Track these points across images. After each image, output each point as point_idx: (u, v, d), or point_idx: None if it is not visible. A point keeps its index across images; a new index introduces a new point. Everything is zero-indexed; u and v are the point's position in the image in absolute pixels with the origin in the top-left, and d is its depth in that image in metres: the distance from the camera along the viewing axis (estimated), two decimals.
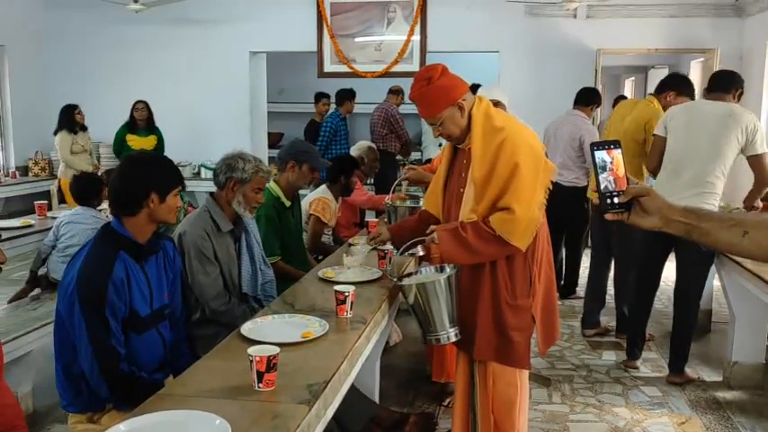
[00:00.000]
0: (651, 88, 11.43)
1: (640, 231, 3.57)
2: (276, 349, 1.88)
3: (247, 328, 2.29)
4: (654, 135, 4.06)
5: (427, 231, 2.63)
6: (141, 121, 7.22)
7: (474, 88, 5.67)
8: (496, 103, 3.03)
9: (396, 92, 7.62)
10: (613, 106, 7.25)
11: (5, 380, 1.88)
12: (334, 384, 1.96)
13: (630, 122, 4.43)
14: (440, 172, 2.83)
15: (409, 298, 2.51)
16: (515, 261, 2.59)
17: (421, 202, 3.50)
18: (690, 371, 4.02)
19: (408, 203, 3.82)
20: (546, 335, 2.77)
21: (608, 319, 4.85)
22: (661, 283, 4.25)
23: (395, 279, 2.66)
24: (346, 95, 7.53)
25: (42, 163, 8.22)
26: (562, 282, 5.75)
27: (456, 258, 2.55)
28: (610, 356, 4.40)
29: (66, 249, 3.90)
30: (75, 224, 3.97)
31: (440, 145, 5.80)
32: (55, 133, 7.07)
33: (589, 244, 7.27)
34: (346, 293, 2.48)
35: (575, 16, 7.53)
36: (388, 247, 3.30)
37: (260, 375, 1.82)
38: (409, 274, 2.66)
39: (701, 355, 4.36)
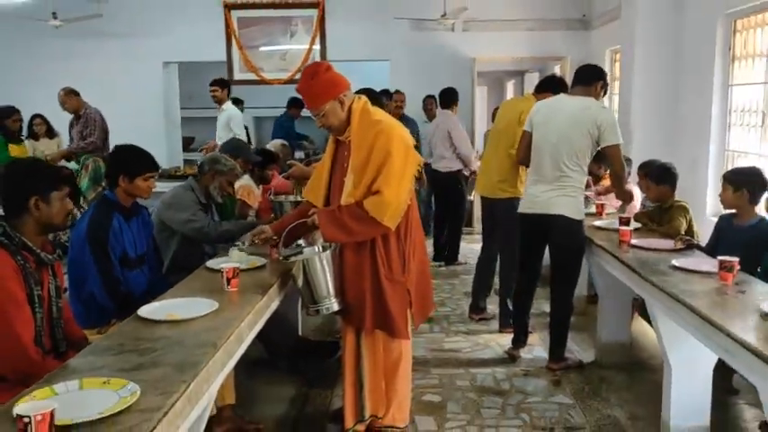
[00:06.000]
0: (527, 89, 13.01)
1: (519, 223, 4.11)
2: (239, 265, 2.88)
3: (210, 263, 3.25)
4: (523, 130, 4.14)
5: (309, 213, 3.04)
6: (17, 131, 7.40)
7: (386, 93, 6.63)
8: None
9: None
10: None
11: None
12: (274, 290, 2.97)
13: (502, 119, 4.68)
14: (324, 164, 3.13)
15: (297, 275, 2.92)
16: (390, 241, 2.93)
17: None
18: (571, 356, 4.16)
19: (292, 198, 4.04)
20: (420, 309, 3.11)
21: (493, 308, 5.05)
22: None
23: (281, 258, 3.09)
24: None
25: None
26: (446, 252, 6.90)
27: (336, 237, 2.91)
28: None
29: None
30: None
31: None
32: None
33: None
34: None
35: (453, 30, 8.71)
36: None
37: (228, 280, 2.80)
38: (295, 254, 3.08)
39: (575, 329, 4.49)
